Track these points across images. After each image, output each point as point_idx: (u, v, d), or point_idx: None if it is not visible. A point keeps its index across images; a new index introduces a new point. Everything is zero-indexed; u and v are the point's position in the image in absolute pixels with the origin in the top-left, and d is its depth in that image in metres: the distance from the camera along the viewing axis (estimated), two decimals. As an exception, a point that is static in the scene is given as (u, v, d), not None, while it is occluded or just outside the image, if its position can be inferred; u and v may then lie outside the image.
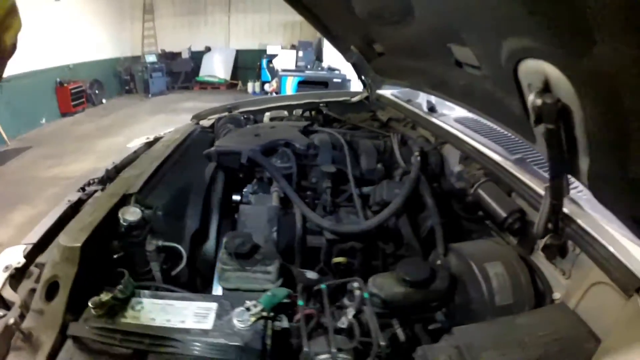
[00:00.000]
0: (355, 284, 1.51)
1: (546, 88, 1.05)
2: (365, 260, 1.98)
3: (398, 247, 2.04)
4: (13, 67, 9.20)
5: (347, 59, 3.13)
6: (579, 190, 1.57)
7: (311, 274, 1.78)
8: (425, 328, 1.60)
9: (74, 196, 2.24)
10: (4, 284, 1.63)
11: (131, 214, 1.62)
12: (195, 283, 1.91)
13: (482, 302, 1.52)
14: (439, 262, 1.75)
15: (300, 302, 1.38)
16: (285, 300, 1.37)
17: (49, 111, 11.12)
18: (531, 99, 1.08)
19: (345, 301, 1.49)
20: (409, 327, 1.55)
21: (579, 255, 1.45)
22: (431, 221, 1.94)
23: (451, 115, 2.63)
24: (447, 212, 2.07)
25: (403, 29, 1.95)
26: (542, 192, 1.53)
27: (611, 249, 1.30)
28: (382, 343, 1.28)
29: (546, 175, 1.68)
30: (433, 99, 2.75)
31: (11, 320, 1.39)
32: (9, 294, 1.61)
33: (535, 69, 1.07)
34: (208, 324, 1.22)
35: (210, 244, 2.08)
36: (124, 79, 14.79)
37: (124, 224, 1.60)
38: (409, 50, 2.23)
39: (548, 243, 1.49)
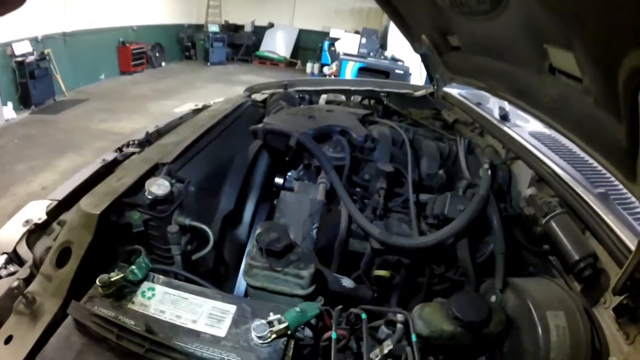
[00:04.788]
0: (400, 316, 1.29)
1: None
2: (409, 276, 1.77)
3: (449, 269, 1.81)
4: (78, 23, 9.58)
5: (416, 50, 2.86)
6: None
7: (347, 282, 1.61)
8: None
9: (110, 156, 2.16)
10: (20, 239, 1.57)
11: (158, 186, 1.48)
12: (220, 270, 1.76)
13: (535, 357, 1.30)
14: (493, 297, 1.51)
15: (333, 335, 1.18)
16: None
17: (109, 68, 11.41)
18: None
19: (383, 329, 1.29)
20: None
21: None
22: (494, 248, 1.69)
23: (526, 127, 2.31)
24: (508, 238, 1.79)
25: (490, 22, 1.66)
26: (624, 237, 1.33)
27: None
28: None
29: (632, 219, 1.49)
30: (507, 106, 2.45)
31: (15, 283, 1.33)
32: (24, 250, 1.54)
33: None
34: (222, 330, 1.07)
35: (243, 229, 1.94)
36: (185, 46, 15.02)
37: (149, 197, 1.46)
38: (493, 47, 1.93)
39: (624, 303, 1.24)
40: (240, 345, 1.02)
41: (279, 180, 2.09)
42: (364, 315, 1.26)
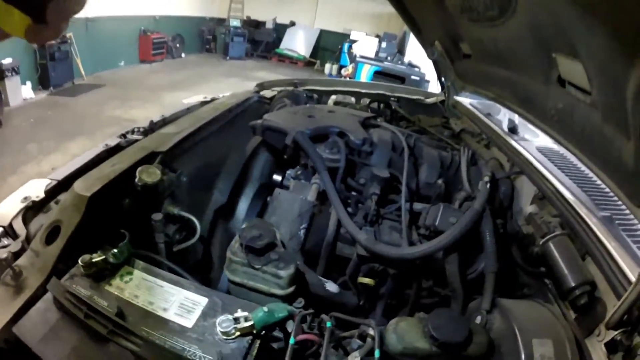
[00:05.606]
0: (370, 331, 1.22)
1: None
2: (396, 287, 1.72)
3: (437, 284, 1.75)
4: (101, 9, 9.57)
5: (429, 55, 2.85)
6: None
7: (331, 286, 1.56)
8: None
9: (113, 141, 2.16)
10: (17, 215, 1.58)
11: (149, 174, 1.48)
12: (209, 263, 1.76)
13: None
14: (479, 318, 1.43)
15: (291, 340, 1.11)
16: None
17: (128, 56, 11.54)
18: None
19: (356, 341, 1.24)
20: None
21: None
22: (484, 266, 1.62)
23: (534, 142, 2.22)
24: (504, 256, 1.72)
25: (498, 29, 1.64)
26: (625, 267, 1.23)
27: None
28: None
29: (636, 247, 1.36)
30: (516, 118, 2.40)
31: (4, 255, 1.34)
32: (19, 226, 1.55)
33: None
34: (190, 321, 1.06)
35: (236, 223, 1.92)
36: (206, 39, 15.13)
37: (139, 184, 1.46)
38: (502, 55, 1.89)
39: (617, 339, 1.16)
40: (204, 338, 1.02)
41: (277, 178, 2.08)
42: (328, 324, 1.20)
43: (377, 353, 1.13)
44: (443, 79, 3.03)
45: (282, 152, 2.06)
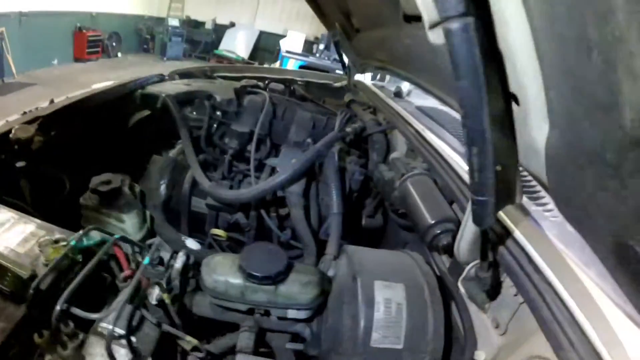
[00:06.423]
0: (181, 255, 1.20)
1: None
2: (256, 240, 1.78)
3: (295, 238, 1.75)
4: (36, 3, 9.04)
5: (332, 37, 3.00)
6: (541, 203, 1.05)
7: (191, 243, 1.57)
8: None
9: (13, 118, 2.20)
10: None
11: (23, 131, 1.56)
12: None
13: (352, 335, 1.08)
14: (322, 265, 1.39)
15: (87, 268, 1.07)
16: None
17: (62, 54, 10.99)
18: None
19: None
20: (261, 338, 1.24)
21: (522, 305, 0.95)
22: (328, 207, 1.62)
23: (415, 102, 2.31)
24: (377, 211, 1.81)
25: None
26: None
27: (573, 306, 0.75)
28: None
29: None
30: (404, 86, 2.58)
31: None
32: None
33: None
34: (25, 248, 1.12)
35: None
36: (144, 38, 14.63)
37: (13, 138, 1.54)
38: (371, 16, 2.00)
39: (472, 274, 1.05)
40: (30, 262, 1.07)
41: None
42: (116, 236, 1.16)
43: (146, 260, 1.13)
44: (346, 59, 3.20)
45: (161, 120, 2.14)
